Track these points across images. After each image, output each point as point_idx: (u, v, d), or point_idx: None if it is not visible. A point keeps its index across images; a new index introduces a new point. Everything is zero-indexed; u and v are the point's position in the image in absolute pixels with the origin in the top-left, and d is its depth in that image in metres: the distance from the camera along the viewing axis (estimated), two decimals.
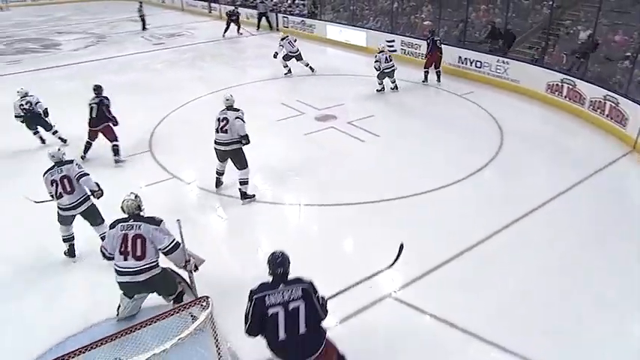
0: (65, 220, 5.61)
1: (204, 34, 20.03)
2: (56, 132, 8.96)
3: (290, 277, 3.51)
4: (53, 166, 5.49)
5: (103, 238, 5.60)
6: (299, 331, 3.40)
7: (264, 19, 20.21)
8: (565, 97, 10.01)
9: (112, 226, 4.32)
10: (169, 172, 7.74)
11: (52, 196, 5.50)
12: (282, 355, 3.53)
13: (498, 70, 11.67)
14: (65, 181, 5.43)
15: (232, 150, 6.57)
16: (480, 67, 12.16)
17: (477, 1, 13.81)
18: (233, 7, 20.15)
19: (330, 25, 17.68)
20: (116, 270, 4.24)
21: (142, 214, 4.38)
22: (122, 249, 4.18)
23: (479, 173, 7.44)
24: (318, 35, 17.94)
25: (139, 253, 4.17)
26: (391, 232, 6.03)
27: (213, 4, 24.75)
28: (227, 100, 6.65)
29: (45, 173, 5.46)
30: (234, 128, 6.42)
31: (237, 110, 6.55)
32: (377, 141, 8.78)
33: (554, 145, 8.58)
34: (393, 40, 14.66)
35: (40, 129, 8.91)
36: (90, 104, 7.82)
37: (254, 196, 6.83)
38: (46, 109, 8.81)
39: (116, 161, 8.02)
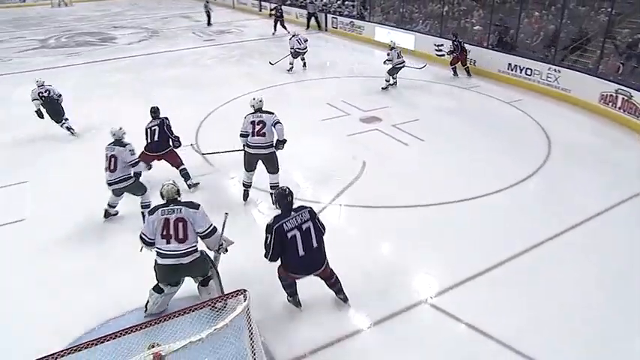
0: (113, 192, 6.09)
1: (254, 32, 20.35)
2: (63, 123, 9.23)
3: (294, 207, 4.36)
4: (111, 142, 6.01)
5: (144, 206, 6.13)
6: (313, 245, 4.31)
7: (313, 19, 20.32)
8: (619, 108, 9.62)
9: (152, 212, 4.39)
10: (212, 166, 7.93)
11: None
12: (300, 270, 4.40)
13: (549, 79, 11.33)
14: (112, 159, 5.89)
15: (268, 154, 6.46)
16: (530, 75, 11.85)
17: (530, 7, 13.48)
18: (275, 5, 20.22)
19: (378, 26, 17.58)
20: (159, 253, 4.28)
21: (179, 198, 4.49)
22: (164, 232, 4.25)
23: (524, 183, 7.27)
24: (366, 37, 17.89)
25: (181, 236, 4.25)
26: (431, 237, 6.00)
27: (263, 3, 25.07)
28: (259, 102, 6.50)
29: (107, 144, 6.01)
30: (271, 131, 6.35)
31: (272, 113, 6.44)
32: (421, 145, 8.70)
33: (605, 159, 8.25)
34: (442, 44, 14.48)
35: (65, 121, 9.22)
36: (150, 128, 6.89)
37: None
38: (60, 94, 9.15)
39: (189, 186, 7.11)
